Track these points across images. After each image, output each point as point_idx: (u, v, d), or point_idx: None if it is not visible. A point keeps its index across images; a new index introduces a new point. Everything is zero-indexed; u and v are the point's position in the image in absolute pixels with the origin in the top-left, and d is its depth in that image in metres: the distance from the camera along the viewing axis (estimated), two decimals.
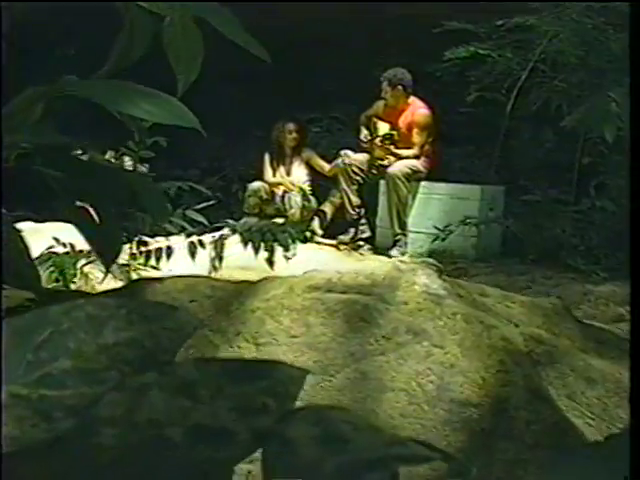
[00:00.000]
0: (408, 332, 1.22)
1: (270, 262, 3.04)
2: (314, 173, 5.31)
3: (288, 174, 5.32)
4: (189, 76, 1.17)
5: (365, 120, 5.08)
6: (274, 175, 5.31)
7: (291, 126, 5.28)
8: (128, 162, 3.60)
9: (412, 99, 4.93)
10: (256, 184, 5.20)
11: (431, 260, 1.48)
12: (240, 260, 3.59)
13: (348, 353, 1.19)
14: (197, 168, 6.12)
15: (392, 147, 4.80)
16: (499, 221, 4.59)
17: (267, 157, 5.39)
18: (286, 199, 5.07)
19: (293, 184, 5.13)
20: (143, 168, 5.60)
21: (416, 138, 4.83)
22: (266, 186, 5.20)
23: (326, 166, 5.22)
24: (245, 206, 5.20)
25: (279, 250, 3.06)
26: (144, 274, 3.06)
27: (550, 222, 4.49)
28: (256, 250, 2.99)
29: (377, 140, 4.84)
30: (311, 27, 5.81)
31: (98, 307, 0.50)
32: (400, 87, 4.83)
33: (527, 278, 4.07)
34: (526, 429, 1.08)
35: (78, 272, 2.89)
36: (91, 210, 1.05)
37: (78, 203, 1.00)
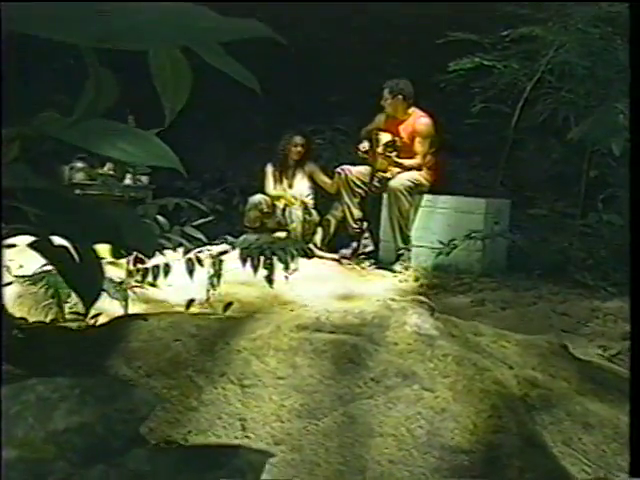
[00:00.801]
0: (398, 375, 1.19)
1: (269, 280, 3.02)
2: (317, 187, 5.30)
3: (290, 187, 5.30)
4: (176, 106, 1.16)
5: (366, 135, 5.07)
6: (276, 187, 5.30)
7: (297, 139, 5.29)
8: (127, 175, 3.62)
9: (412, 109, 4.92)
10: (257, 197, 5.19)
11: (423, 298, 1.44)
12: (241, 275, 3.58)
13: (336, 396, 1.16)
14: (198, 180, 6.12)
15: (394, 155, 4.79)
16: (505, 235, 4.56)
17: (269, 168, 5.38)
18: (287, 213, 5.05)
19: (295, 198, 5.12)
20: (143, 181, 5.62)
21: (418, 147, 4.82)
22: (267, 199, 5.19)
23: (328, 181, 5.21)
24: (246, 220, 5.19)
25: (279, 266, 3.05)
26: (140, 291, 3.05)
27: (557, 236, 4.46)
28: (255, 268, 2.97)
29: (379, 149, 4.83)
30: (314, 38, 5.81)
31: (50, 388, 0.48)
32: (400, 97, 4.83)
33: (533, 294, 4.04)
34: (519, 478, 1.05)
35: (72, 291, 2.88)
36: (71, 248, 1.03)
37: (57, 241, 0.98)
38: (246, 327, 1.40)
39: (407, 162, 4.82)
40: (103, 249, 4.01)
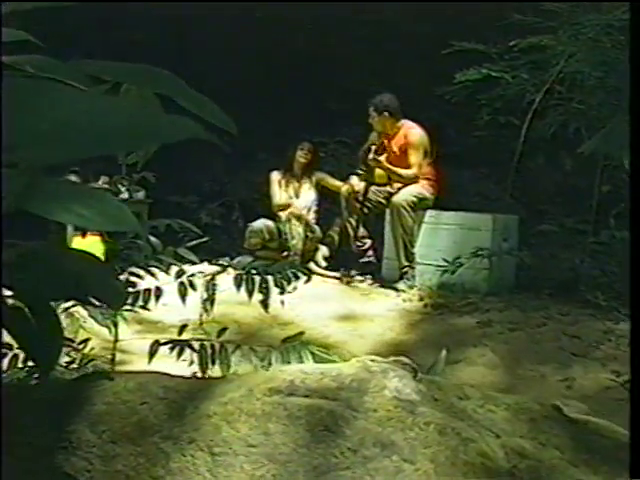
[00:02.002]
0: (376, 444, 1.15)
1: (265, 305, 3.00)
2: (328, 192, 5.29)
3: (297, 196, 5.31)
4: (150, 148, 1.14)
5: (363, 155, 5.05)
6: (281, 196, 5.30)
7: (305, 144, 5.34)
8: (122, 189, 3.62)
9: (402, 122, 4.93)
10: (258, 224, 5.18)
11: (405, 359, 1.41)
12: (238, 295, 3.57)
13: (311, 466, 1.13)
14: (196, 194, 6.12)
15: (384, 159, 4.80)
16: (513, 252, 4.52)
17: (275, 176, 5.38)
18: (287, 229, 5.04)
19: (299, 216, 5.09)
20: (139, 195, 5.62)
21: (412, 158, 4.82)
22: (269, 225, 5.18)
23: (340, 183, 5.21)
24: (246, 244, 5.20)
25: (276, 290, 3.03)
26: (129, 316, 3.04)
27: (567, 254, 4.42)
28: (250, 293, 2.96)
29: (370, 156, 4.84)
30: (317, 46, 5.81)
31: None
32: (386, 113, 4.86)
33: (542, 314, 4.00)
34: None
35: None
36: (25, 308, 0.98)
37: (10, 300, 0.94)
38: (217, 390, 1.37)
39: (402, 171, 4.83)
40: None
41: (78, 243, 5.06)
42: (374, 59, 5.89)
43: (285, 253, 5.09)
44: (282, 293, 3.02)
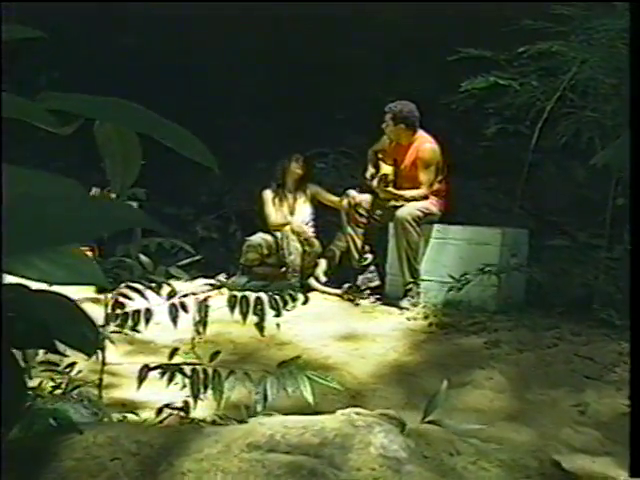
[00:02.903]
0: None
1: (260, 328, 2.98)
2: (324, 207, 5.28)
3: (292, 213, 5.30)
4: (126, 180, 1.13)
5: (372, 156, 5.07)
6: (277, 215, 5.28)
7: (297, 155, 5.33)
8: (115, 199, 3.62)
9: (418, 134, 4.91)
10: (256, 239, 5.17)
11: (392, 412, 1.39)
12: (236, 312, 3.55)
13: None
14: (192, 205, 6.11)
15: (391, 188, 4.78)
16: (522, 269, 4.50)
17: (268, 195, 5.36)
18: (285, 244, 5.03)
19: (295, 231, 5.08)
20: (135, 206, 5.61)
21: (422, 176, 4.80)
22: (268, 239, 5.17)
23: (335, 199, 5.21)
24: (243, 259, 5.18)
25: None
26: (119, 337, 3.02)
27: (580, 270, 4.40)
28: (244, 316, 2.94)
29: (374, 182, 4.83)
30: (318, 50, 5.82)
31: None
32: (403, 125, 4.83)
33: (554, 334, 3.98)
34: None
35: None
36: None
37: None
38: (193, 445, 1.34)
39: (409, 193, 4.81)
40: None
41: None
42: (377, 65, 5.89)
43: (283, 269, 5.08)
44: (278, 315, 3.00)
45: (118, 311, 3.15)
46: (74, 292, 4.76)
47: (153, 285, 3.16)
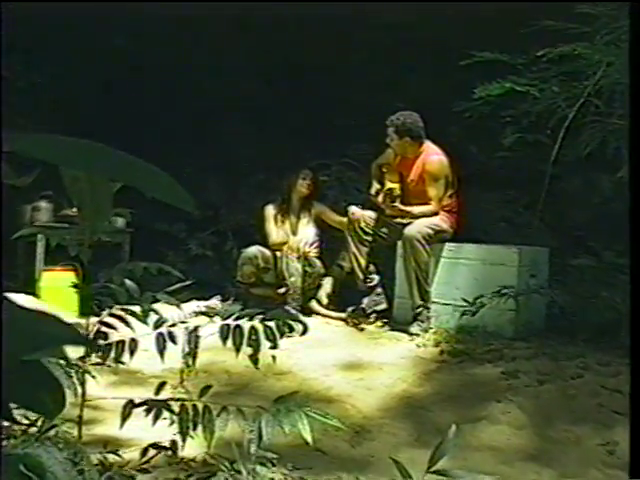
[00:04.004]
0: None
1: (254, 360, 2.96)
2: (329, 228, 5.30)
3: (294, 233, 5.30)
4: (96, 224, 1.11)
5: (377, 170, 5.06)
6: (278, 233, 5.29)
7: (306, 172, 5.35)
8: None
9: (425, 145, 4.90)
10: (252, 250, 5.16)
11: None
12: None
13: None
14: (185, 220, 6.10)
15: (398, 204, 4.77)
16: (543, 291, 4.47)
17: (270, 211, 5.37)
18: (284, 265, 5.02)
19: (297, 249, 5.07)
20: (119, 223, 5.62)
21: (431, 191, 4.80)
22: (265, 252, 5.17)
23: (342, 219, 5.20)
24: (239, 275, 5.17)
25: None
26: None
27: (607, 292, 4.36)
28: (237, 348, 2.91)
29: (379, 197, 4.82)
30: (322, 54, 5.82)
31: None
32: (408, 138, 4.82)
33: (578, 364, 3.94)
34: None
35: None
36: None
37: None
38: None
39: (417, 210, 4.81)
40: (69, 305, 3.95)
41: (49, 278, 5.06)
42: (384, 69, 5.89)
43: (282, 290, 5.06)
44: (274, 347, 2.98)
45: (100, 342, 3.13)
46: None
47: (139, 313, 3.14)
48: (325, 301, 5.10)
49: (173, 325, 3.22)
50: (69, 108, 6.20)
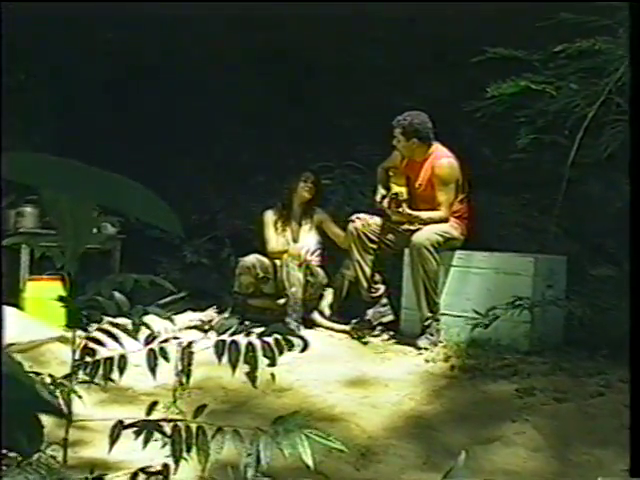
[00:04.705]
0: None
1: (252, 379, 2.93)
2: (327, 239, 5.30)
3: (295, 240, 5.31)
4: (77, 247, 1.08)
5: (383, 174, 5.07)
6: (278, 241, 5.30)
7: (307, 174, 5.36)
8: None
9: (434, 147, 4.90)
10: (250, 259, 5.16)
11: None
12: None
13: None
14: (180, 226, 6.10)
15: (405, 209, 4.77)
16: (560, 302, 4.45)
17: (270, 217, 5.37)
18: (285, 274, 5.00)
19: (298, 255, 5.07)
20: (110, 229, 5.60)
21: (440, 196, 4.80)
22: (263, 261, 5.17)
23: (341, 234, 5.23)
24: (236, 285, 5.17)
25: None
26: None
27: (628, 304, 4.32)
28: (233, 366, 2.88)
29: (384, 202, 4.83)
30: (322, 51, 5.82)
31: None
32: (415, 139, 4.82)
33: (598, 381, 3.94)
34: None
35: None
36: None
37: None
38: None
39: (426, 215, 4.81)
40: (55, 317, 3.92)
41: (34, 288, 5.04)
42: (391, 66, 5.88)
43: (282, 301, 5.05)
44: (272, 365, 2.94)
45: (88, 359, 3.10)
46: (39, 331, 4.68)
47: (129, 328, 3.11)
48: (328, 312, 5.12)
49: (166, 341, 3.19)
50: (69, 108, 6.23)
